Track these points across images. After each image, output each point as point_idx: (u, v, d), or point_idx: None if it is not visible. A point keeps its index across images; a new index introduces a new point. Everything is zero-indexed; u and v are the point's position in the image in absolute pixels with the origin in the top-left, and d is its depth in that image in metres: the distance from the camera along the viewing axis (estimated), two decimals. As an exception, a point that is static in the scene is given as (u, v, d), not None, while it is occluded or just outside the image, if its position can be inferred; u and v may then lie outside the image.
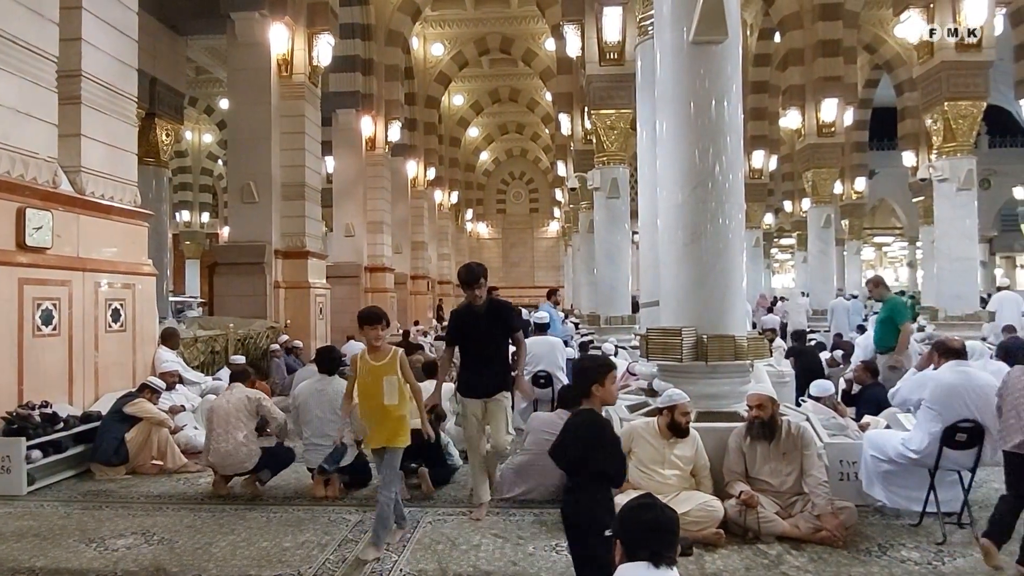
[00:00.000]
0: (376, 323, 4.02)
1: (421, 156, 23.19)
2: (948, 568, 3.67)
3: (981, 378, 4.29)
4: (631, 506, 2.23)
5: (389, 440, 4.01)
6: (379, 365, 4.01)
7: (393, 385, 3.97)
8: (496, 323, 4.58)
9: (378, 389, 3.95)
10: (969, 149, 10.08)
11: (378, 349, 4.05)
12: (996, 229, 30.36)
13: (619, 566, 2.11)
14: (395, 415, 4.00)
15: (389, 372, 4.00)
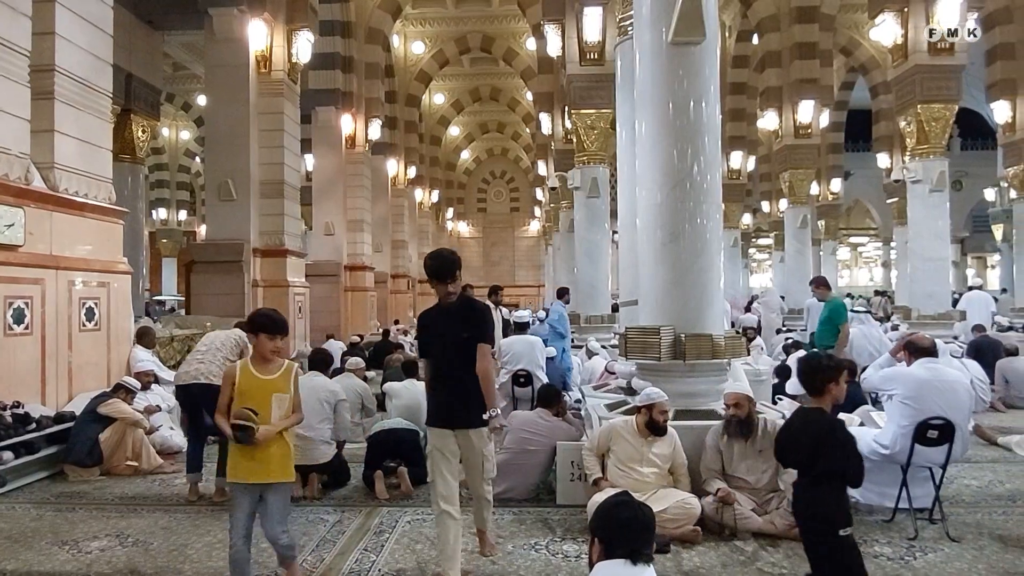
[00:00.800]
0: (277, 333, 3.30)
1: (401, 155, 23.10)
2: (919, 563, 3.73)
3: (951, 375, 4.39)
4: (608, 504, 2.25)
5: (269, 474, 3.18)
6: (268, 379, 3.23)
7: (283, 405, 3.23)
8: (469, 328, 3.60)
9: (264, 408, 3.17)
10: (942, 151, 10.29)
11: (270, 361, 3.29)
12: (968, 230, 30.98)
13: (596, 564, 2.12)
14: (280, 441, 3.23)
15: (280, 389, 3.24)
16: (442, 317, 3.64)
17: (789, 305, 15.23)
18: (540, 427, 4.99)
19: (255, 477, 3.17)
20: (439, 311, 3.68)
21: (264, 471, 3.18)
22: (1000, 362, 8.46)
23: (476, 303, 3.79)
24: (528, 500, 4.83)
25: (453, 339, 3.55)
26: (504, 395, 7.47)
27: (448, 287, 3.58)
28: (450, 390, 3.59)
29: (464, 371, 3.56)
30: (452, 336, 3.56)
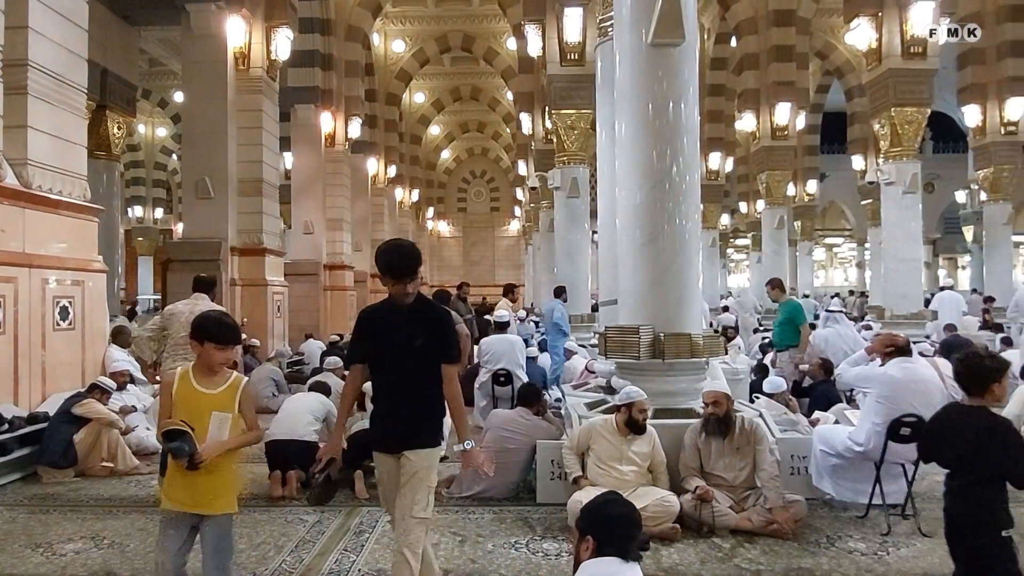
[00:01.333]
0: (228, 343, 2.83)
1: (382, 153, 22.99)
2: (892, 558, 3.81)
3: (924, 374, 4.48)
4: (599, 502, 2.26)
5: (206, 504, 2.74)
6: (209, 395, 2.79)
7: (225, 425, 2.76)
8: (427, 335, 2.98)
9: (202, 427, 2.72)
10: (914, 154, 10.49)
11: (215, 373, 2.83)
12: (939, 231, 31.56)
13: (585, 561, 2.12)
14: (221, 467, 2.75)
15: (223, 406, 2.78)
16: (394, 318, 3.00)
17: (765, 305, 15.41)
18: (520, 426, 5.01)
19: (192, 505, 2.72)
20: (390, 311, 3.03)
21: (204, 499, 2.72)
22: (971, 361, 8.61)
23: (436, 306, 3.19)
24: (508, 499, 4.84)
25: (407, 346, 2.95)
26: (484, 394, 7.50)
27: (407, 287, 2.92)
28: (400, 408, 2.98)
29: (419, 385, 2.98)
30: (406, 343, 2.95)
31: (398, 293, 2.96)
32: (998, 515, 2.67)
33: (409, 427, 2.98)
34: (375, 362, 3.06)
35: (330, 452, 3.08)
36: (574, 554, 2.25)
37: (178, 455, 2.62)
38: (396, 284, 2.92)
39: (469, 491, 4.90)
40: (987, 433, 2.76)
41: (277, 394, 8.65)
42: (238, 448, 2.86)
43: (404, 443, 2.95)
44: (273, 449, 5.11)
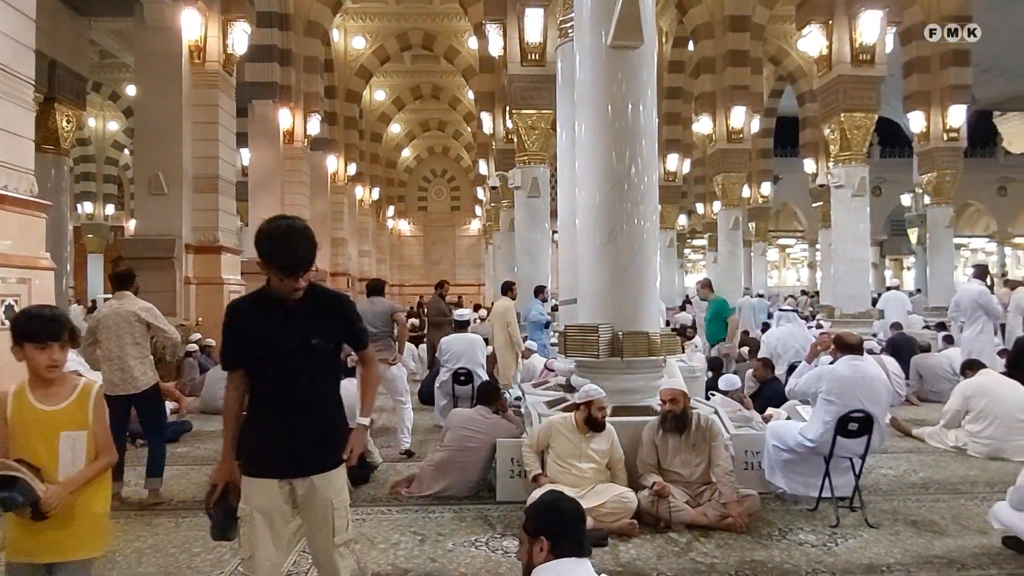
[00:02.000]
0: (50, 340, 2.25)
1: (341, 151, 22.74)
2: (840, 549, 3.94)
3: (872, 371, 4.64)
4: (549, 501, 2.25)
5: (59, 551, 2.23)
6: (53, 411, 2.25)
7: (80, 447, 2.26)
8: (327, 332, 2.51)
9: (51, 454, 2.21)
10: (862, 158, 10.83)
11: (51, 383, 2.28)
12: (886, 233, 32.67)
13: (541, 564, 2.06)
14: (78, 509, 2.24)
15: (74, 423, 2.27)
16: (279, 316, 2.45)
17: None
18: (480, 425, 5.03)
19: (44, 555, 2.19)
20: (272, 306, 2.47)
21: (57, 546, 2.19)
22: (914, 358, 8.97)
23: (333, 292, 2.70)
24: (468, 498, 4.86)
25: (301, 348, 2.43)
26: (444, 393, 7.50)
27: (296, 278, 2.39)
28: (296, 423, 2.45)
29: (319, 394, 2.51)
30: (299, 344, 2.43)
31: (286, 288, 2.40)
32: None
33: (311, 446, 2.46)
34: (255, 369, 2.48)
35: (224, 477, 2.51)
36: (524, 557, 2.17)
37: (10, 506, 2.06)
38: (284, 273, 2.38)
39: (429, 490, 4.89)
40: None
41: (233, 394, 8.49)
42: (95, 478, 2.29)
43: (305, 466, 2.45)
44: None
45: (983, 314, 8.21)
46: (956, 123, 13.87)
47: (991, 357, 7.99)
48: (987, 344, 8.27)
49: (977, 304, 8.17)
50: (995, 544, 3.91)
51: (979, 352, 7.82)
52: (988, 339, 8.37)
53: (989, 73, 22.04)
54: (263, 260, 2.40)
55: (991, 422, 5.96)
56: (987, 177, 32.11)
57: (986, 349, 8.11)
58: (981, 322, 8.25)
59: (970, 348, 8.12)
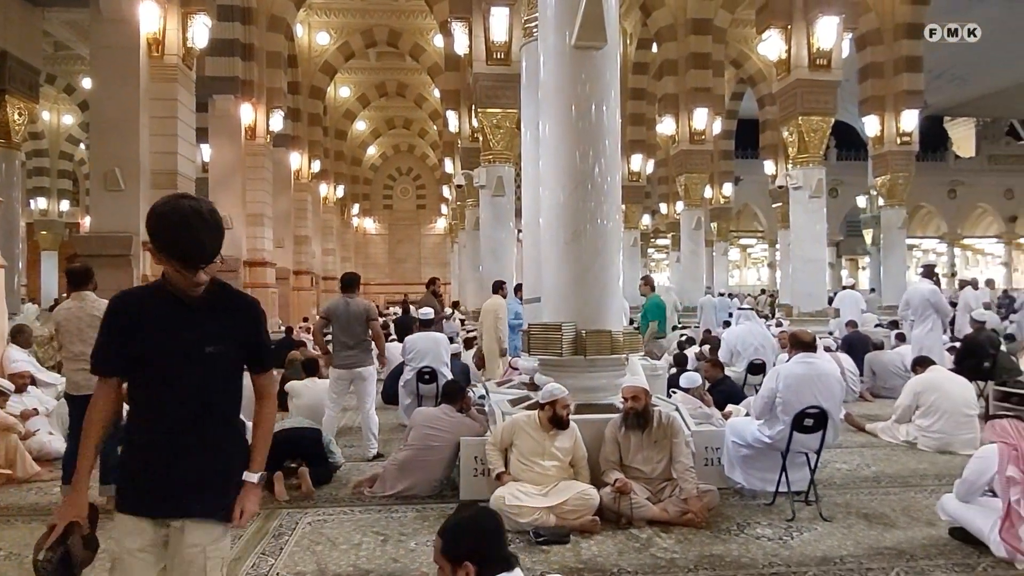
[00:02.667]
0: None
1: (305, 148, 22.46)
2: (796, 542, 4.03)
3: (825, 368, 4.76)
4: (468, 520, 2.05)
5: None
6: None
7: None
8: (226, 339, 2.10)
9: None
10: (820, 160, 11.10)
11: None
12: (843, 234, 33.56)
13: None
14: None
15: None
16: (173, 315, 2.05)
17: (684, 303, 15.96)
18: (444, 423, 5.03)
19: None
20: (165, 302, 2.06)
21: None
22: (868, 355, 9.22)
23: (241, 295, 2.25)
24: (431, 497, 4.85)
25: (194, 355, 2.04)
26: (409, 392, 7.46)
27: (199, 272, 1.98)
28: (176, 449, 2.02)
29: (209, 415, 2.07)
30: (193, 350, 2.03)
31: (187, 283, 2.00)
32: None
33: (189, 480, 2.01)
34: (137, 377, 2.08)
35: (69, 515, 2.03)
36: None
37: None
38: (184, 265, 1.96)
39: (392, 490, 4.87)
40: None
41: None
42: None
43: (178, 506, 2.01)
44: (279, 446, 4.94)
45: (933, 312, 8.48)
46: (909, 127, 14.30)
47: (940, 354, 8.26)
48: (936, 341, 8.54)
49: (928, 303, 8.43)
50: (943, 535, 4.05)
51: (929, 349, 8.08)
52: (937, 337, 8.65)
53: (940, 79, 22.82)
54: (157, 248, 1.97)
55: (940, 417, 6.16)
56: (938, 180, 33.23)
57: (935, 346, 8.37)
58: (931, 320, 8.51)
59: (920, 345, 8.38)
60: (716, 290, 21.01)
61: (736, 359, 8.40)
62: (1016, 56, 18.59)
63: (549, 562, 3.70)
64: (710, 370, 7.26)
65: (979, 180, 34.14)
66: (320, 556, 3.83)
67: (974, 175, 34.27)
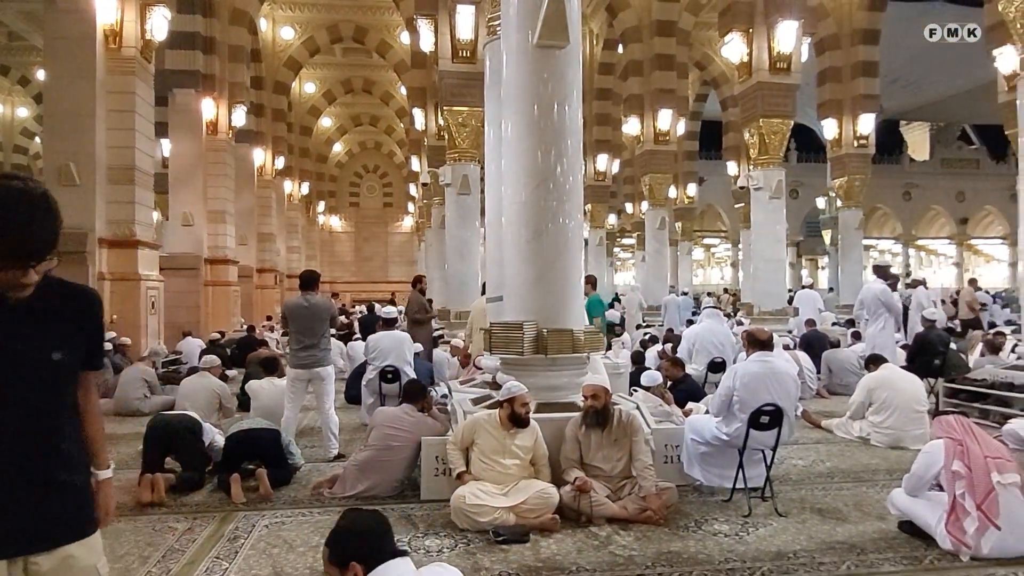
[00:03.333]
0: None
1: (269, 144, 22.16)
2: (752, 537, 4.09)
3: (781, 366, 4.85)
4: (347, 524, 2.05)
5: None
6: None
7: None
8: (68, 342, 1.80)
9: None
10: (780, 162, 11.31)
11: None
12: (803, 234, 34.30)
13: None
14: None
15: None
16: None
17: (648, 302, 16.13)
18: (405, 423, 4.99)
19: None
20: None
21: None
22: (825, 353, 9.43)
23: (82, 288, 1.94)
24: (392, 497, 4.82)
25: (32, 365, 1.74)
26: (371, 392, 7.40)
27: (30, 273, 1.69)
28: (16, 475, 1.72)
29: (54, 431, 1.79)
30: (30, 359, 1.74)
31: (10, 281, 1.67)
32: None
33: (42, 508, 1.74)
34: None
35: None
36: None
37: None
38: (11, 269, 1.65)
39: (353, 490, 4.83)
40: None
41: (149, 395, 8.19)
42: None
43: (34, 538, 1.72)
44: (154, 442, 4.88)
45: (885, 311, 8.70)
46: (865, 131, 14.65)
47: (893, 352, 8.48)
48: (889, 340, 8.77)
49: (879, 301, 8.65)
50: (892, 529, 4.15)
51: (881, 347, 8.29)
52: (890, 335, 8.88)
53: (895, 84, 23.44)
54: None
55: (891, 413, 6.32)
56: (894, 182, 34.19)
57: (888, 344, 8.59)
58: (883, 319, 8.74)
59: (874, 343, 8.59)
60: (680, 289, 21.28)
61: (695, 357, 8.51)
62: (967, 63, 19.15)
63: (508, 561, 3.71)
64: (671, 369, 7.33)
65: (932, 183, 35.22)
66: (276, 559, 3.78)
67: (928, 178, 35.33)
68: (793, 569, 3.63)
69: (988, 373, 7.53)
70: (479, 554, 3.80)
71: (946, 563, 3.67)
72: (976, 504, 3.64)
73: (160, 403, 7.85)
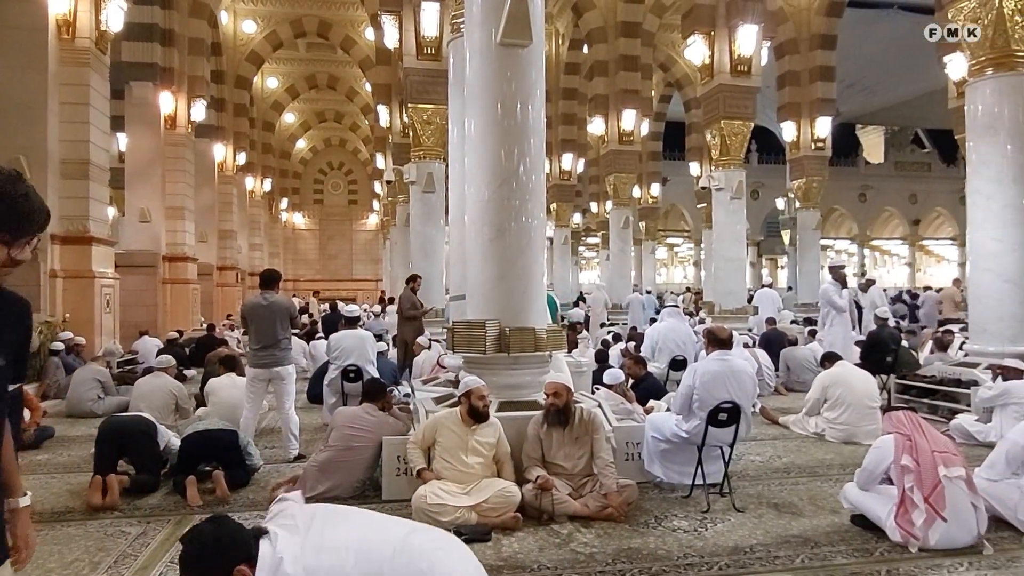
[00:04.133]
0: None
1: (230, 139, 21.77)
2: (710, 533, 4.15)
3: (739, 365, 4.92)
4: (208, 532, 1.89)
5: None
6: None
7: None
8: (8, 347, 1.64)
9: None
10: (740, 163, 11.50)
11: None
12: (763, 234, 34.98)
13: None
14: None
15: None
16: None
17: (613, 300, 16.27)
18: (366, 423, 4.95)
19: None
20: None
21: None
22: (783, 351, 9.62)
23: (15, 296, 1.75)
24: (353, 498, 4.76)
25: None
26: (334, 391, 7.33)
27: (27, 248, 1.65)
28: None
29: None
30: None
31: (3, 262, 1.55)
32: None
33: None
34: None
35: None
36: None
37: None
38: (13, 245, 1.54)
39: (313, 491, 4.76)
40: None
41: (103, 396, 7.98)
42: None
43: None
44: (107, 444, 4.76)
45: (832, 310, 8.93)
46: (823, 134, 14.99)
47: (846, 349, 8.68)
48: (837, 337, 8.95)
49: (824, 300, 8.87)
50: (845, 522, 4.24)
51: (830, 344, 8.50)
52: (839, 333, 9.07)
53: (852, 89, 24.04)
54: None
55: (845, 409, 6.48)
56: (850, 184, 35.12)
57: (836, 342, 8.78)
58: (831, 317, 8.96)
59: (829, 341, 8.80)
60: (644, 288, 21.50)
61: (658, 355, 8.61)
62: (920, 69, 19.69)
63: (469, 560, 3.70)
64: (633, 367, 7.40)
65: (887, 185, 36.24)
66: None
67: (882, 180, 36.33)
68: (750, 563, 3.69)
69: (937, 370, 7.77)
70: (440, 553, 3.79)
71: (895, 555, 3.76)
72: (924, 497, 3.75)
73: (114, 404, 7.66)
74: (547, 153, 20.39)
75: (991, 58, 7.48)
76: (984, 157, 7.57)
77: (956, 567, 3.60)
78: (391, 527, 1.98)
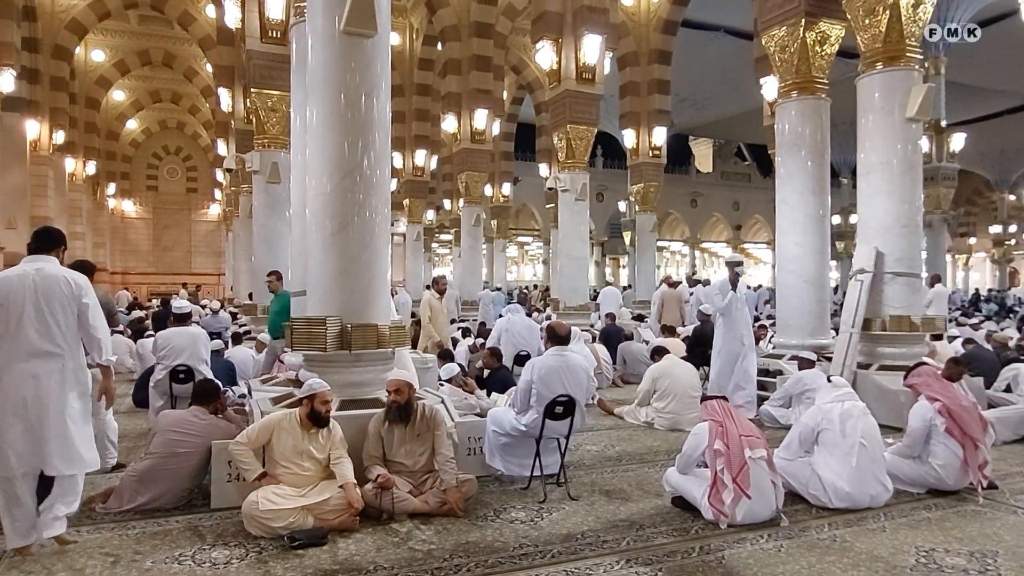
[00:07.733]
0: None
1: (46, 115, 19.44)
2: (546, 522, 4.30)
3: (575, 360, 5.15)
4: None
5: None
6: None
7: None
8: None
9: None
10: (585, 166, 12.03)
11: None
12: (607, 235, 36.97)
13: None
14: None
15: None
16: None
17: (464, 297, 16.41)
18: (194, 427, 4.64)
19: None
20: None
21: None
22: (620, 345, 10.20)
23: None
24: (177, 508, 4.45)
25: None
26: (160, 394, 6.78)
27: None
28: None
29: None
30: None
31: None
32: None
33: None
34: None
35: None
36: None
37: None
38: None
39: (131, 503, 4.39)
40: None
41: None
42: None
43: None
44: None
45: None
46: (659, 142, 16.03)
47: (675, 343, 9.35)
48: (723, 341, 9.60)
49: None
50: (667, 504, 4.57)
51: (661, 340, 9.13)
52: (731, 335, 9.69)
53: (685, 103, 25.92)
54: None
55: (671, 399, 7.00)
56: (683, 191, 38.24)
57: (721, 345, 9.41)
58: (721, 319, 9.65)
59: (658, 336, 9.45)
60: (494, 285, 21.88)
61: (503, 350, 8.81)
62: (743, 88, 21.51)
63: (303, 567, 3.58)
64: (488, 359, 7.58)
65: (714, 193, 39.83)
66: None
67: (710, 188, 39.91)
68: (580, 549, 3.87)
69: (751, 362, 8.54)
70: (271, 561, 3.63)
71: (708, 531, 4.11)
72: (732, 478, 4.13)
73: None
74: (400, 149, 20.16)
75: (796, 82, 8.37)
76: (790, 171, 8.46)
77: (758, 539, 4.00)
78: None
